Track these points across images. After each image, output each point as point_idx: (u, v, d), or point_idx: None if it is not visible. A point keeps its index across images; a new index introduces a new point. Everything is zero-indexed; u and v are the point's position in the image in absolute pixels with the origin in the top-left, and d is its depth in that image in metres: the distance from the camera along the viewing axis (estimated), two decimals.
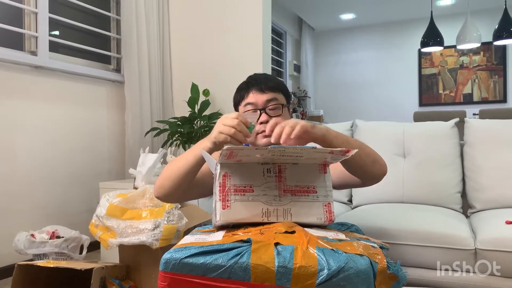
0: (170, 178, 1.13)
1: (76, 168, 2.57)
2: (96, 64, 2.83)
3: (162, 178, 1.16)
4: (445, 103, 6.03)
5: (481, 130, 1.99)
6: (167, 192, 1.16)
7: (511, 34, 4.45)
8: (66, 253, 1.89)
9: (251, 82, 1.28)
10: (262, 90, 1.24)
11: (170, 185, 1.14)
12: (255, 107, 1.23)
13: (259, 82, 1.26)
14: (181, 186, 1.14)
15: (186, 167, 1.10)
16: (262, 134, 1.22)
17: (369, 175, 1.16)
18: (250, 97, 1.25)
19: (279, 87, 1.29)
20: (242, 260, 0.78)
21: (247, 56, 2.97)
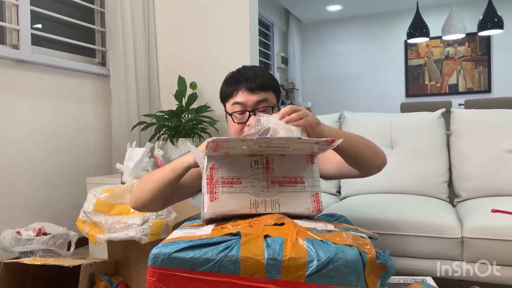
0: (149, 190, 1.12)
1: (61, 164, 2.53)
2: (80, 57, 2.78)
3: (140, 191, 1.15)
4: (431, 94, 6.09)
5: (467, 120, 2.01)
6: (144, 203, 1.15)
7: (495, 24, 4.50)
8: (53, 250, 1.86)
9: (240, 80, 1.19)
10: (252, 89, 1.16)
11: (147, 197, 1.13)
12: (243, 108, 1.17)
13: (248, 80, 1.17)
14: (160, 197, 1.13)
15: (164, 181, 1.09)
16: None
17: (372, 167, 1.17)
18: (239, 96, 1.17)
19: (270, 84, 1.20)
20: (232, 254, 0.77)
21: (234, 48, 2.95)
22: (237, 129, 1.18)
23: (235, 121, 1.18)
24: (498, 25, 4.50)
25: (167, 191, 1.12)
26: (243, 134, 1.00)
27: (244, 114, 1.17)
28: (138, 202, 1.16)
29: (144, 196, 1.14)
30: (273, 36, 6.09)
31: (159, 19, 3.17)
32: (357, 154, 1.11)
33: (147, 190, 1.13)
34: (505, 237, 1.42)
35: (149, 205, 1.16)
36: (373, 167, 1.18)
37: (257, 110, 1.16)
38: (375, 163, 1.17)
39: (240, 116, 1.17)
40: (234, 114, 1.18)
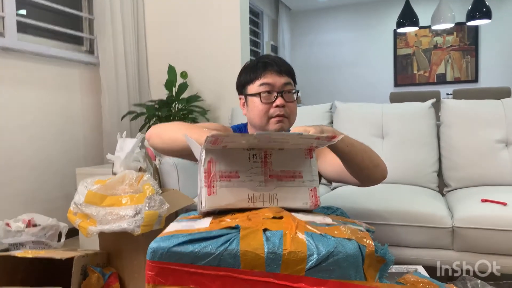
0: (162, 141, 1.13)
1: (50, 154, 2.50)
2: (68, 45, 2.73)
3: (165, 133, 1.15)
4: (419, 83, 6.13)
5: (457, 111, 2.03)
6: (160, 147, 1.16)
7: (483, 14, 4.52)
8: (43, 242, 1.84)
9: (269, 63, 1.22)
10: (280, 72, 1.20)
11: (160, 146, 1.15)
12: (271, 88, 1.19)
13: (278, 64, 1.21)
14: (171, 152, 1.15)
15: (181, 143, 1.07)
16: (276, 119, 1.19)
17: (370, 177, 1.17)
18: (268, 77, 1.19)
19: (292, 72, 1.26)
20: (231, 247, 0.77)
21: (225, 37, 2.92)
22: (262, 110, 1.19)
23: (263, 101, 1.19)
24: (486, 15, 4.52)
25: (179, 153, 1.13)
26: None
27: (271, 95, 1.19)
28: (157, 140, 1.16)
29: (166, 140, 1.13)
30: (263, 24, 6.04)
31: (149, 7, 3.11)
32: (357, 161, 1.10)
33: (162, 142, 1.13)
34: (495, 227, 1.45)
35: (163, 149, 1.16)
36: (372, 177, 1.17)
37: (284, 91, 1.19)
38: (373, 174, 1.15)
39: (267, 96, 1.19)
40: (262, 94, 1.19)
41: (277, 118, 1.18)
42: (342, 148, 1.05)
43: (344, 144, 1.05)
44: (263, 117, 1.19)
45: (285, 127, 1.19)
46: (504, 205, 1.50)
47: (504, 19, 5.55)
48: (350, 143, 1.07)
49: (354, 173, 1.15)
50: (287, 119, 1.20)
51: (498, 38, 5.68)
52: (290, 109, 1.21)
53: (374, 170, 1.15)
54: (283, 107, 1.18)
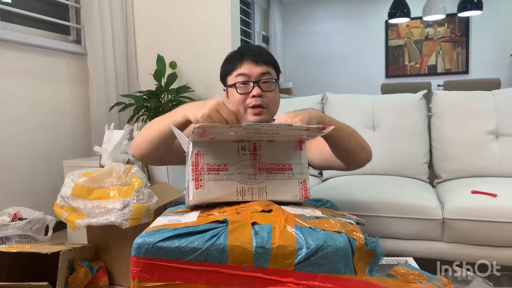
0: (147, 140, 1.10)
1: (37, 146, 2.45)
2: (54, 35, 2.66)
3: (139, 138, 1.13)
4: (411, 75, 6.14)
5: (449, 102, 2.03)
6: (143, 152, 1.13)
7: (474, 5, 4.53)
8: (30, 235, 1.81)
9: (245, 53, 1.22)
10: (257, 62, 1.19)
11: (146, 146, 1.11)
12: (247, 78, 1.19)
13: (254, 54, 1.21)
14: (157, 149, 1.11)
15: (162, 132, 1.05)
16: (253, 110, 1.18)
17: (356, 161, 1.18)
18: (244, 67, 1.20)
19: (272, 61, 1.25)
20: (219, 242, 0.75)
21: (216, 26, 2.87)
22: (239, 100, 1.20)
23: (239, 92, 1.19)
24: (477, 6, 4.53)
25: (165, 143, 1.09)
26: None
27: (247, 85, 1.19)
28: (137, 150, 1.14)
29: (142, 145, 1.12)
30: (254, 14, 5.98)
31: None
32: (344, 145, 1.10)
33: (146, 139, 1.11)
34: (485, 218, 1.45)
35: (147, 155, 1.14)
36: (358, 161, 1.18)
37: (261, 81, 1.18)
38: (360, 157, 1.17)
39: (244, 86, 1.19)
40: (237, 84, 1.19)
41: (254, 109, 1.18)
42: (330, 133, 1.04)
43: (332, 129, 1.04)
44: (241, 108, 1.20)
45: (265, 117, 1.18)
46: (494, 197, 1.50)
47: (495, 10, 5.55)
48: (338, 127, 1.06)
49: (341, 157, 1.16)
50: (266, 109, 1.19)
51: (488, 29, 5.70)
52: (269, 98, 1.20)
53: (361, 153, 1.17)
54: (260, 97, 1.17)
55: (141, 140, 1.12)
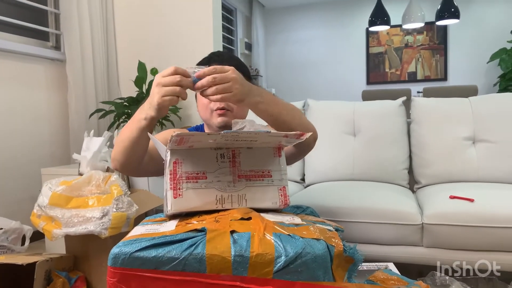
0: (120, 150, 1.09)
1: (14, 153, 2.39)
2: (32, 41, 2.62)
3: (114, 151, 1.12)
4: (391, 81, 6.23)
5: (427, 108, 2.06)
6: (122, 164, 1.12)
7: (452, 14, 4.64)
8: (6, 246, 1.76)
9: (212, 58, 1.25)
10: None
11: (122, 157, 1.10)
12: None
13: (221, 59, 1.22)
14: (134, 157, 1.10)
15: (132, 138, 1.04)
16: (218, 112, 1.19)
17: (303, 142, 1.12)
18: None
19: (240, 66, 1.23)
20: (197, 251, 0.74)
21: (197, 33, 2.87)
22: (205, 104, 1.21)
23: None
24: (455, 15, 4.64)
25: (139, 149, 1.08)
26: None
27: None
28: (115, 163, 1.13)
29: (118, 157, 1.11)
30: (237, 21, 6.00)
31: (118, 2, 3.03)
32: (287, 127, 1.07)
33: (119, 150, 1.09)
34: (463, 223, 1.47)
35: (126, 166, 1.13)
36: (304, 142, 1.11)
37: None
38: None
39: None
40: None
41: (218, 111, 1.18)
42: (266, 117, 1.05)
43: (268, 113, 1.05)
44: (206, 111, 1.21)
45: (229, 119, 1.17)
46: (471, 202, 1.53)
47: (472, 19, 5.70)
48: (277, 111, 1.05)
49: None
50: (230, 111, 1.19)
51: (466, 37, 5.84)
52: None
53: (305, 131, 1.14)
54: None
55: (116, 152, 1.11)
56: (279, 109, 1.07)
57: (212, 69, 0.94)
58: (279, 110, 1.07)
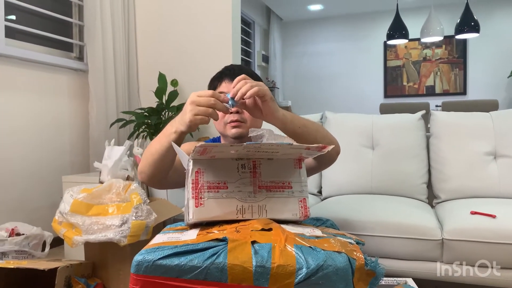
0: (149, 163, 1.12)
1: (36, 161, 2.45)
2: (57, 51, 2.70)
3: (142, 164, 1.16)
4: (409, 95, 6.19)
5: (446, 123, 2.04)
6: (149, 176, 1.15)
7: (471, 28, 4.60)
8: (27, 251, 1.80)
9: (224, 72, 1.29)
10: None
11: (150, 169, 1.13)
12: None
13: (232, 73, 1.25)
14: (161, 169, 1.13)
15: (161, 151, 1.08)
16: (231, 124, 1.21)
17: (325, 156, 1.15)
18: (223, 86, 1.26)
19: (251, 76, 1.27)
20: (219, 261, 0.75)
21: (217, 45, 2.91)
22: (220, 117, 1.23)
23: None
24: (475, 28, 4.60)
25: (167, 162, 1.12)
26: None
27: None
28: (143, 175, 1.17)
29: (147, 169, 1.14)
30: (254, 34, 6.06)
31: (140, 14, 3.10)
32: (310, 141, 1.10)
33: (148, 163, 1.13)
34: (484, 239, 1.44)
35: (153, 178, 1.16)
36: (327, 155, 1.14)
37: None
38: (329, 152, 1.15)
39: None
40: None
41: (232, 123, 1.21)
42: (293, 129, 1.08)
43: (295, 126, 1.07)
44: (221, 124, 1.24)
45: (244, 130, 1.20)
46: (493, 218, 1.50)
47: (492, 33, 5.65)
48: (302, 124, 1.08)
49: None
50: (244, 123, 1.22)
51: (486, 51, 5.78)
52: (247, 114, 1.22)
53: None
54: (237, 113, 1.20)
55: (144, 164, 1.15)
56: (304, 123, 1.10)
57: (243, 77, 1.00)
58: (304, 123, 1.10)
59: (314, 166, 1.27)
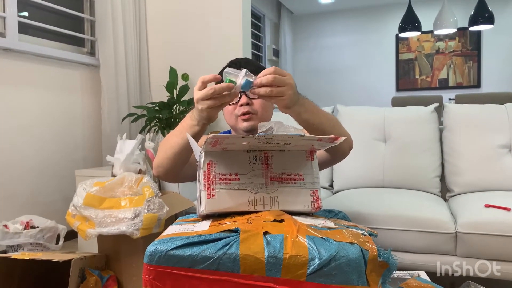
0: (168, 156, 1.14)
1: (49, 155, 2.48)
2: (69, 47, 2.72)
3: (158, 157, 1.17)
4: (422, 88, 6.12)
5: (460, 115, 2.01)
6: (166, 170, 1.17)
7: (486, 19, 4.52)
8: (42, 244, 1.83)
9: (232, 66, 1.28)
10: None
11: (166, 162, 1.15)
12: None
13: (238, 66, 1.25)
14: (180, 162, 1.14)
15: (178, 145, 1.09)
16: (242, 117, 1.21)
17: (339, 151, 1.18)
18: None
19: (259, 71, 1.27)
20: (231, 251, 0.75)
21: (227, 39, 2.91)
22: (230, 110, 1.25)
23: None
24: (489, 20, 4.52)
25: (187, 154, 1.13)
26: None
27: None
28: (159, 169, 1.18)
29: (165, 163, 1.16)
30: (265, 28, 6.04)
31: (150, 9, 3.11)
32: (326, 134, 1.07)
33: (166, 157, 1.14)
34: (499, 232, 1.43)
35: (170, 172, 1.18)
36: (340, 150, 1.19)
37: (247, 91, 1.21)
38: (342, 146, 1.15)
39: None
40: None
41: (242, 116, 1.21)
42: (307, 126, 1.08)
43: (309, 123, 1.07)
44: (232, 117, 1.24)
45: (255, 122, 1.20)
46: (508, 211, 1.48)
47: (507, 24, 5.54)
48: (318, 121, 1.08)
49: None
50: (255, 115, 1.22)
51: (500, 43, 5.68)
52: (257, 105, 1.23)
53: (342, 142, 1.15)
54: (247, 105, 1.20)
55: (160, 158, 1.16)
56: (320, 119, 1.09)
57: (272, 69, 0.96)
58: (320, 120, 1.09)
59: (327, 160, 1.27)
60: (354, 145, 1.26)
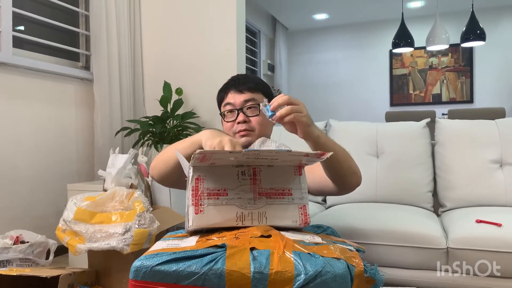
0: (164, 161, 1.17)
1: (41, 169, 2.47)
2: (63, 61, 2.73)
3: (157, 161, 1.21)
4: (415, 103, 6.17)
5: (452, 130, 2.03)
6: (160, 174, 1.21)
7: (477, 36, 4.59)
8: (31, 259, 1.80)
9: (230, 83, 1.33)
10: (240, 90, 1.28)
11: (163, 168, 1.18)
12: (233, 107, 1.28)
13: (237, 83, 1.30)
14: (174, 171, 1.16)
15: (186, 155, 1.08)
16: (240, 133, 1.24)
17: (347, 185, 1.21)
18: (229, 97, 1.30)
19: (259, 87, 1.32)
20: (217, 267, 0.75)
21: (221, 54, 2.93)
22: (229, 127, 1.29)
23: (226, 120, 1.30)
24: (481, 37, 4.59)
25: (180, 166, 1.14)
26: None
27: (233, 113, 1.28)
28: (154, 171, 1.23)
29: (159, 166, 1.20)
30: (260, 43, 6.10)
31: (145, 24, 3.14)
32: (337, 168, 1.14)
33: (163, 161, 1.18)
34: (490, 248, 1.42)
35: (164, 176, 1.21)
36: (348, 184, 1.21)
37: (244, 108, 1.26)
38: (350, 181, 1.20)
39: (230, 114, 1.29)
40: (225, 113, 1.30)
41: (240, 132, 1.25)
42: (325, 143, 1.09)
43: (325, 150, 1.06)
44: (230, 133, 1.28)
45: (252, 138, 1.23)
46: (498, 226, 1.48)
47: (499, 41, 5.63)
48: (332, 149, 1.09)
49: (333, 179, 1.19)
50: (253, 131, 1.26)
51: (492, 59, 5.75)
52: (254, 122, 1.27)
53: (351, 177, 1.20)
54: (244, 122, 1.25)
55: (159, 162, 1.20)
56: (335, 148, 1.10)
57: (287, 99, 1.02)
58: (335, 149, 1.10)
59: (333, 191, 1.28)
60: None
